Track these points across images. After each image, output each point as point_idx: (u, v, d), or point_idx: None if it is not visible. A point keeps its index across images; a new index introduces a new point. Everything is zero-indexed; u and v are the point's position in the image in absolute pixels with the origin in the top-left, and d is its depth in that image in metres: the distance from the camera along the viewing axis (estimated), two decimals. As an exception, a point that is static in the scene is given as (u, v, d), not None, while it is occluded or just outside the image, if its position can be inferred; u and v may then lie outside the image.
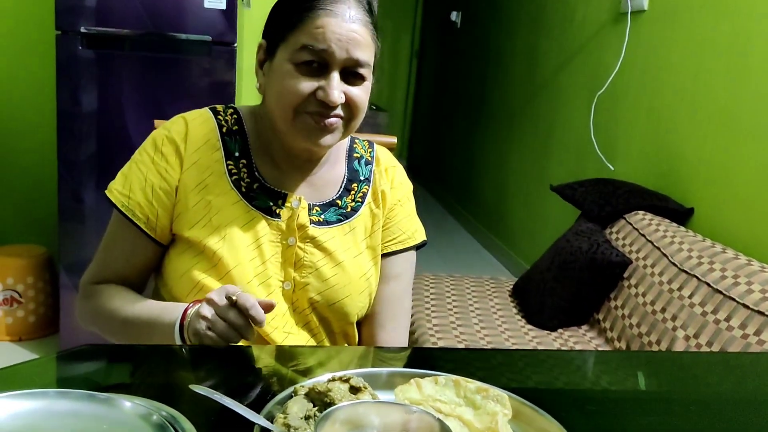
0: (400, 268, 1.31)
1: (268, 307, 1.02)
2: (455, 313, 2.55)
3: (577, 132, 3.60)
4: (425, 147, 7.00)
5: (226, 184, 1.18)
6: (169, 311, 1.12)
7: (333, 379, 0.85)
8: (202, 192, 1.18)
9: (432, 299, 2.65)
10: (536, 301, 2.55)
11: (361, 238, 1.26)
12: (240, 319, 1.00)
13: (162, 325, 1.10)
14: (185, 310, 1.08)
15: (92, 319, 1.22)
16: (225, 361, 1.02)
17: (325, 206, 1.24)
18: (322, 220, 1.22)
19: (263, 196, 1.19)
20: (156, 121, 1.41)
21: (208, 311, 1.02)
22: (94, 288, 1.22)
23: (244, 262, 1.16)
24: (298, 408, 0.81)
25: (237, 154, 1.20)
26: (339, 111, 1.12)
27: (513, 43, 4.66)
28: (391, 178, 1.31)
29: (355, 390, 0.85)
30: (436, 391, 0.89)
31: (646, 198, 2.65)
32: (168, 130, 1.20)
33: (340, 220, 1.24)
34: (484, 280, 2.95)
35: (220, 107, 1.25)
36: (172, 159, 1.18)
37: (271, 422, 0.79)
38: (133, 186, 1.18)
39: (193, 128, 1.20)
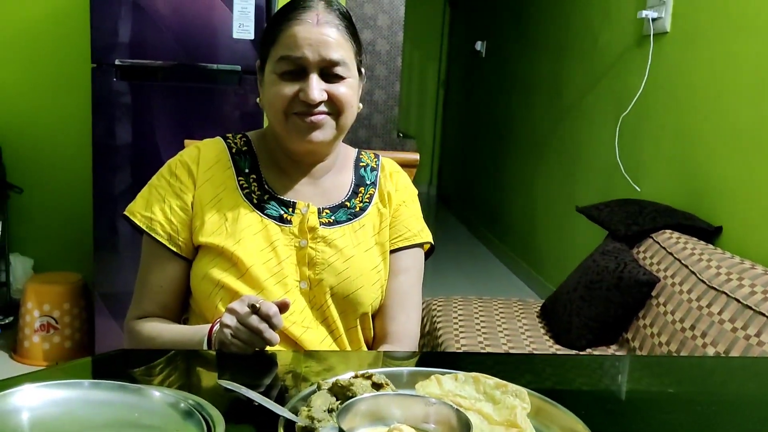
0: (408, 263, 1.37)
1: (284, 307, 1.07)
2: (483, 333, 2.55)
3: (603, 155, 3.60)
4: (454, 175, 7.02)
5: (239, 197, 1.28)
6: (198, 330, 1.18)
7: (356, 376, 0.88)
8: (217, 206, 1.27)
9: (460, 320, 2.66)
10: (564, 321, 2.54)
11: (370, 234, 1.33)
12: (262, 324, 1.04)
13: (193, 344, 1.16)
14: (212, 326, 1.14)
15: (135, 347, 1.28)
16: (249, 364, 1.05)
17: (335, 208, 1.32)
18: (332, 220, 1.30)
19: (274, 206, 1.28)
20: (186, 141, 1.48)
21: (230, 320, 1.06)
22: (135, 326, 1.28)
23: (259, 263, 1.23)
24: (322, 401, 0.83)
25: (247, 170, 1.31)
26: (324, 108, 1.22)
27: (537, 70, 4.70)
28: (396, 182, 1.40)
29: (377, 386, 0.88)
30: (456, 386, 0.91)
31: (674, 217, 2.64)
32: (181, 155, 1.32)
33: (349, 219, 1.32)
34: (513, 302, 2.94)
35: (230, 135, 1.36)
36: (186, 179, 1.29)
37: (295, 416, 0.82)
38: (154, 208, 1.28)
39: (204, 151, 1.31)
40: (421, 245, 1.40)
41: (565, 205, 4.05)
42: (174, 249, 1.27)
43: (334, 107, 1.23)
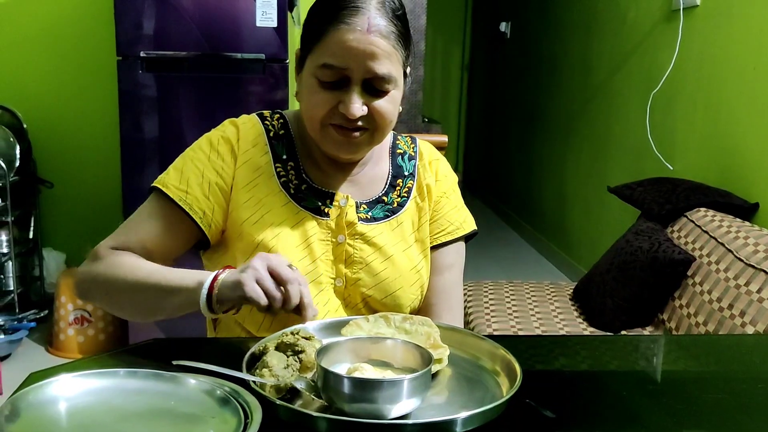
0: (451, 258, 1.32)
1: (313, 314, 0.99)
2: (515, 317, 2.53)
3: (634, 133, 3.54)
4: (480, 160, 6.98)
5: (276, 185, 1.21)
6: (193, 275, 1.05)
7: (285, 334, 0.92)
8: (253, 190, 1.20)
9: (491, 304, 2.64)
10: (597, 303, 2.51)
11: (409, 232, 1.27)
12: (295, 287, 0.96)
13: (184, 288, 1.03)
14: (217, 273, 1.02)
15: (94, 282, 1.14)
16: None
17: (372, 203, 1.25)
18: (369, 217, 1.24)
19: (311, 197, 1.21)
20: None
21: (260, 264, 0.97)
22: (109, 251, 1.15)
23: (295, 262, 1.16)
24: (278, 360, 0.87)
25: (284, 156, 1.23)
26: (362, 123, 1.13)
27: (564, 49, 4.63)
28: (435, 171, 1.32)
29: (306, 338, 0.93)
30: (373, 326, 1.01)
31: (708, 195, 2.59)
32: (222, 130, 1.23)
33: (387, 216, 1.25)
34: (544, 285, 2.91)
35: (266, 113, 1.28)
36: (228, 157, 1.20)
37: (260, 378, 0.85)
38: (191, 181, 1.18)
39: (243, 131, 1.23)
40: (463, 237, 1.34)
41: (596, 185, 4.00)
42: (204, 229, 1.18)
43: (373, 123, 1.14)
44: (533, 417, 0.84)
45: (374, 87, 1.12)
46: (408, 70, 1.18)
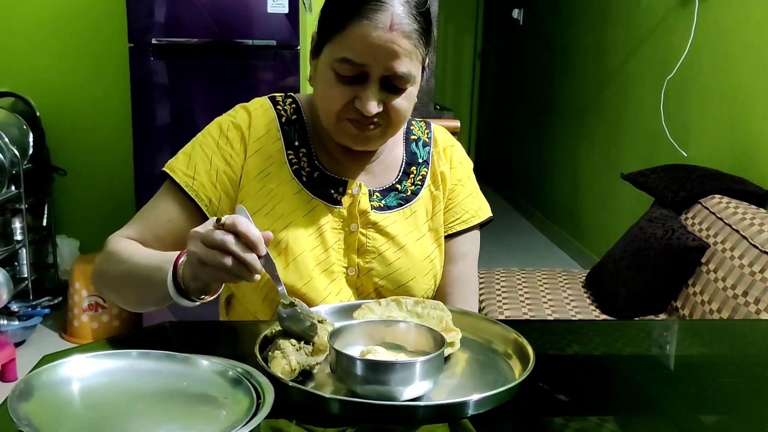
0: (466, 247, 1.30)
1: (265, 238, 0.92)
2: (528, 305, 2.52)
3: (648, 120, 3.52)
4: (492, 147, 6.95)
5: (288, 173, 1.18)
6: (162, 265, 1.01)
7: None
8: (264, 180, 1.18)
9: (503, 292, 2.63)
10: (610, 290, 2.50)
11: (423, 221, 1.25)
12: (229, 237, 0.88)
13: (156, 282, 1.01)
14: (177, 258, 0.99)
15: (99, 275, 1.16)
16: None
17: (385, 191, 1.23)
18: (382, 205, 1.22)
19: (324, 185, 1.19)
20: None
21: (194, 245, 0.91)
22: (114, 241, 1.16)
23: (306, 251, 1.15)
24: (290, 343, 0.88)
25: (297, 143, 1.21)
26: (377, 119, 1.11)
27: (578, 36, 4.60)
28: (450, 158, 1.29)
29: (318, 322, 0.94)
30: (385, 310, 1.02)
31: (723, 181, 2.56)
32: (233, 117, 1.21)
33: (400, 204, 1.23)
34: (557, 272, 2.91)
35: (279, 96, 1.25)
36: (237, 145, 1.18)
37: (266, 363, 0.85)
38: (198, 167, 1.17)
39: (255, 118, 1.20)
40: (478, 225, 1.31)
41: (610, 173, 3.98)
42: (209, 218, 1.11)
43: (388, 119, 1.11)
44: (546, 400, 0.84)
45: (393, 84, 1.09)
46: (426, 63, 1.15)
